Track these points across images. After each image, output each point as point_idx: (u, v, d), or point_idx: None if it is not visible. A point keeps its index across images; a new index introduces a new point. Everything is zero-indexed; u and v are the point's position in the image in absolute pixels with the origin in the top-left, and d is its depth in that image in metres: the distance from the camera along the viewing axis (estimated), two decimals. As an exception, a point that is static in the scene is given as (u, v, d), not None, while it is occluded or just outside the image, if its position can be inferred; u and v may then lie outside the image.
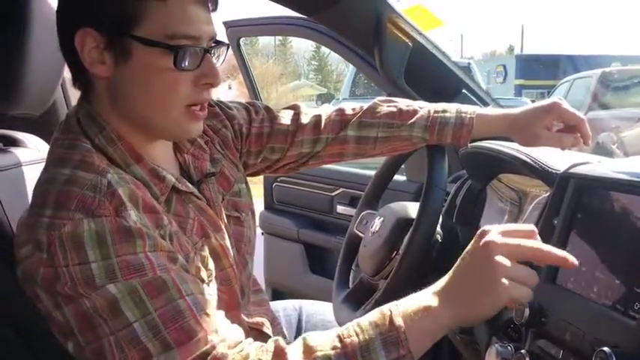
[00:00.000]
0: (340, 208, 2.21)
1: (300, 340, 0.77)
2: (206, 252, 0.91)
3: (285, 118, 1.17)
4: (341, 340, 0.74)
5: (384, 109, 1.19)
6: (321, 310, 1.35)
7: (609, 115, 7.73)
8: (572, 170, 0.94)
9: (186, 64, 0.83)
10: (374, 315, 0.76)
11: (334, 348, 0.73)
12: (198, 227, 0.92)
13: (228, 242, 0.96)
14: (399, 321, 0.73)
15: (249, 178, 1.21)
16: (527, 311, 0.87)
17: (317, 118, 1.18)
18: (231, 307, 0.95)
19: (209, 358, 0.73)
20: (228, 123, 1.10)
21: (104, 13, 0.82)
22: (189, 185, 0.93)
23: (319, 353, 0.73)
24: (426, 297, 0.76)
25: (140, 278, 0.74)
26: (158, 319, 0.73)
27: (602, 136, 7.27)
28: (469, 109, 1.16)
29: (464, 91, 1.54)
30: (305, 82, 32.64)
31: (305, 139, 1.17)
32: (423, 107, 1.18)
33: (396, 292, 1.15)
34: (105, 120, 0.86)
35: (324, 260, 2.29)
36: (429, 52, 1.51)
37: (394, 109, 1.18)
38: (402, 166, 1.96)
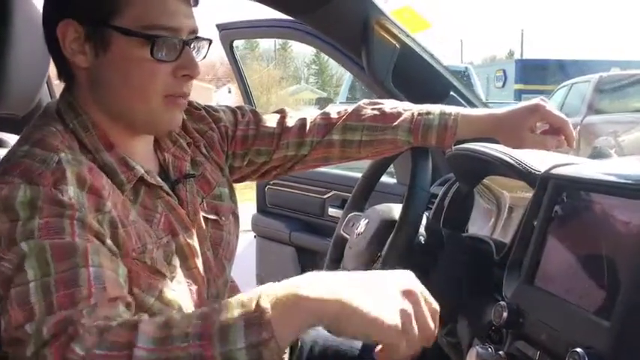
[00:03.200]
0: (332, 211, 2.21)
1: (167, 313, 0.77)
2: (172, 248, 0.91)
3: (271, 121, 1.17)
4: (203, 317, 0.69)
5: (369, 111, 1.18)
6: None
7: (607, 120, 7.73)
8: (552, 171, 0.94)
9: (164, 54, 0.85)
10: (246, 293, 0.70)
11: (194, 326, 0.67)
12: (165, 223, 0.92)
13: (196, 243, 0.96)
14: (265, 302, 0.67)
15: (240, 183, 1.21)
16: (505, 313, 0.87)
17: (302, 122, 1.18)
18: (201, 306, 0.94)
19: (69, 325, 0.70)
20: (214, 125, 1.10)
21: (84, 4, 0.84)
22: (159, 179, 0.93)
23: (175, 331, 0.67)
24: (308, 283, 0.69)
25: (54, 240, 0.74)
26: (53, 283, 0.72)
27: (599, 141, 7.27)
28: (453, 110, 1.15)
29: (452, 93, 1.54)
30: (305, 86, 32.73)
31: (290, 141, 1.16)
32: (407, 109, 1.17)
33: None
34: (84, 110, 0.88)
35: (316, 263, 2.29)
36: (417, 54, 1.51)
37: (378, 112, 1.17)
38: (393, 169, 1.98)
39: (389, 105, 1.19)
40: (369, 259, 1.20)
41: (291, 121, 1.18)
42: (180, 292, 0.90)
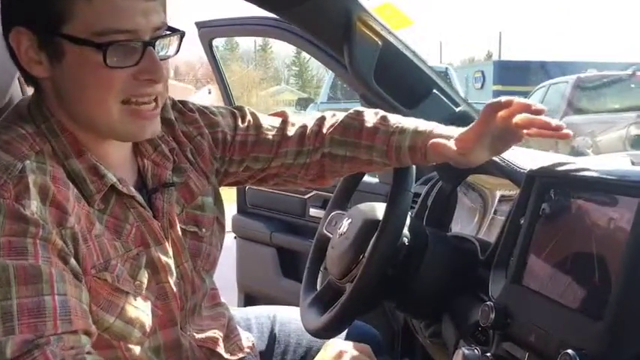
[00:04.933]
0: (313, 211, 2.18)
1: None
2: (141, 262, 0.87)
3: (272, 127, 1.12)
4: None
5: (353, 125, 1.11)
6: (295, 317, 1.31)
7: (584, 120, 7.83)
8: (538, 169, 0.92)
9: (120, 60, 0.80)
10: None
11: None
12: (136, 235, 0.88)
13: (170, 257, 0.92)
14: None
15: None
16: (492, 313, 0.85)
17: (302, 130, 1.13)
18: (166, 323, 0.91)
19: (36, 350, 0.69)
20: (206, 131, 1.04)
21: (33, 12, 0.80)
22: (132, 189, 0.89)
23: None
24: None
25: (17, 261, 0.71)
26: (15, 308, 0.70)
27: (577, 141, 7.37)
28: (427, 128, 1.03)
29: (435, 91, 1.52)
30: (285, 87, 32.66)
31: (289, 150, 1.11)
32: (384, 125, 1.08)
33: (362, 295, 1.13)
34: (51, 113, 0.85)
35: (297, 264, 2.26)
36: (399, 52, 1.48)
37: (357, 128, 1.10)
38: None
39: (370, 119, 1.10)
40: (351, 260, 1.17)
41: (291, 130, 1.13)
42: (144, 310, 0.87)
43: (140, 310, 0.86)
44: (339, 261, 1.21)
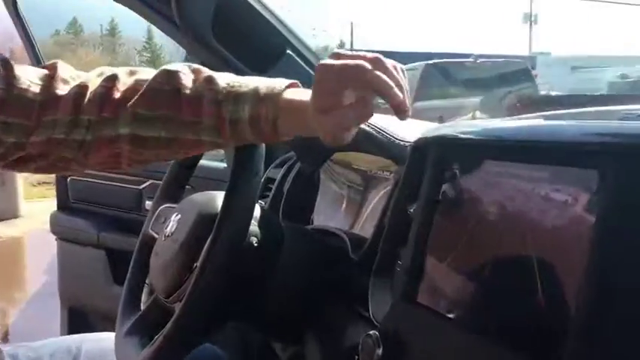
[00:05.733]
0: (149, 204, 1.84)
1: None
2: None
3: (32, 82, 0.75)
4: None
5: (166, 91, 0.76)
6: (111, 347, 0.96)
7: (433, 105, 8.14)
8: (432, 137, 0.66)
9: None
10: None
11: None
12: None
13: None
14: None
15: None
16: (379, 348, 0.57)
17: (80, 90, 0.76)
18: None
19: None
20: None
21: None
22: None
23: None
24: None
25: None
26: None
27: (427, 126, 7.62)
28: (273, 90, 0.73)
29: (289, 51, 1.25)
30: (136, 74, 31.19)
31: (59, 119, 0.75)
32: (211, 90, 0.75)
33: (194, 320, 0.81)
34: None
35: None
36: (243, 1, 1.19)
37: (174, 96, 0.76)
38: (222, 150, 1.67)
39: (188, 82, 0.76)
40: (182, 271, 0.85)
41: (63, 88, 0.76)
42: None
43: None
44: (165, 272, 0.89)
